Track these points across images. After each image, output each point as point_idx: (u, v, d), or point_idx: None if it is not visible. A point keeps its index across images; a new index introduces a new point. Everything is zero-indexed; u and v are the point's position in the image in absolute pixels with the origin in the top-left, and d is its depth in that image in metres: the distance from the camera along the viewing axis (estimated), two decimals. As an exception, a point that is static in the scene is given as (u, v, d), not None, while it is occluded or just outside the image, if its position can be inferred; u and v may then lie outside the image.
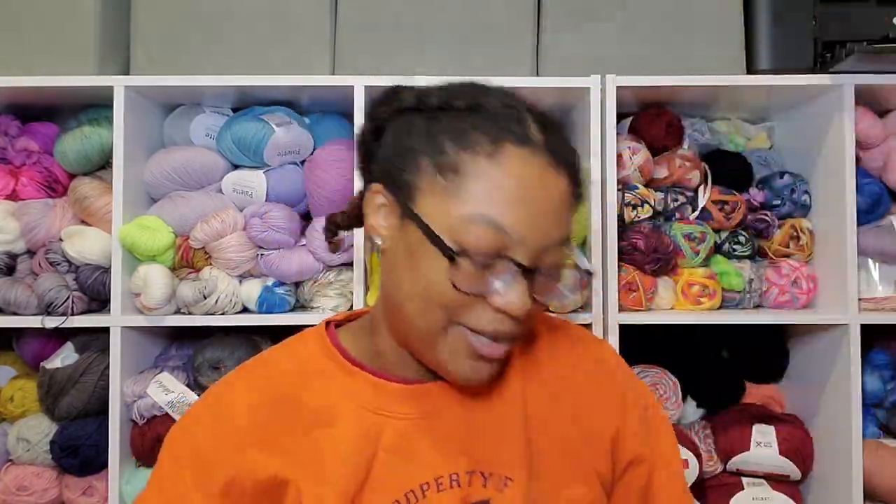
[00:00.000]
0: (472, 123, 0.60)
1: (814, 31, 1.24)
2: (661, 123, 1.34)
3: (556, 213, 0.60)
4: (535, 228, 0.59)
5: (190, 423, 0.69)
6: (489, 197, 0.58)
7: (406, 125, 0.63)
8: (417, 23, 1.28)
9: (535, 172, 0.59)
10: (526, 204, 0.58)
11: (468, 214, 0.58)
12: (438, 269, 0.58)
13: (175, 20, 1.28)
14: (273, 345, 0.76)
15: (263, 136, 1.24)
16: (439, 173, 0.59)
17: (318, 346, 0.71)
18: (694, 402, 1.38)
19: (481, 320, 0.60)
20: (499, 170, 0.58)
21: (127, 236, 1.19)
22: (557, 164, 0.60)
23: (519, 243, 0.58)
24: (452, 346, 0.62)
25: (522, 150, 0.59)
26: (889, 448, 1.28)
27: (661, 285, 1.29)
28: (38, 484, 1.27)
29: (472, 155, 0.59)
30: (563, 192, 0.61)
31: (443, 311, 0.60)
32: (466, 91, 0.63)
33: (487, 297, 0.59)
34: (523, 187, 0.58)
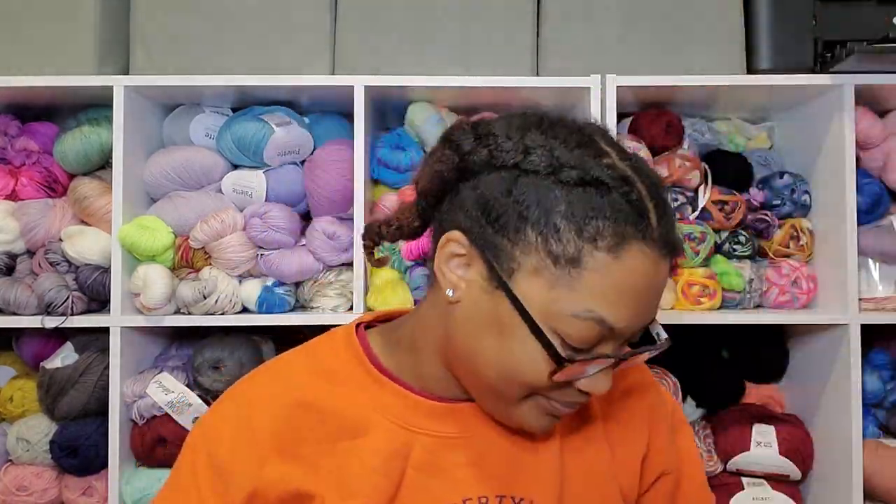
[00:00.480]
0: (592, 207, 0.55)
1: (814, 31, 1.24)
2: (661, 123, 1.33)
3: (658, 298, 0.60)
4: (639, 319, 0.58)
5: (209, 430, 0.67)
6: (604, 294, 0.55)
7: (508, 184, 0.57)
8: (417, 23, 1.28)
9: (651, 267, 0.56)
10: (637, 299, 0.57)
11: (577, 309, 0.55)
12: (533, 355, 0.56)
13: (175, 20, 1.28)
14: (273, 345, 0.75)
15: (263, 136, 1.24)
16: (552, 259, 0.55)
17: (348, 350, 0.68)
18: (694, 402, 1.38)
19: (566, 397, 0.60)
20: (619, 266, 0.55)
21: (127, 236, 1.19)
22: (670, 252, 0.58)
23: (621, 334, 0.57)
24: (527, 410, 0.61)
25: (643, 245, 0.55)
26: (889, 448, 1.28)
27: (661, 285, 1.29)
28: (38, 484, 1.27)
29: (593, 248, 0.54)
30: (667, 274, 0.60)
31: (527, 389, 0.59)
32: (576, 154, 0.56)
33: (577, 381, 0.59)
34: (639, 283, 0.56)
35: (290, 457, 0.63)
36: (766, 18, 1.26)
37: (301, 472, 0.63)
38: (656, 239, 0.56)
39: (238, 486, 0.62)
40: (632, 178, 0.56)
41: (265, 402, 0.66)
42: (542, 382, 0.57)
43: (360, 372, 0.67)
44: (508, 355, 0.57)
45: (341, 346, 0.69)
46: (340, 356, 0.68)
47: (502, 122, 0.60)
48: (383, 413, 0.65)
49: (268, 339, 1.34)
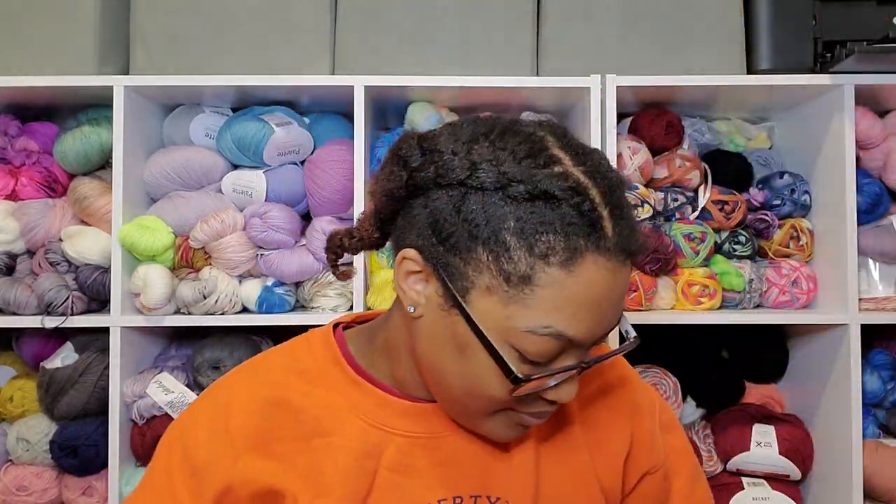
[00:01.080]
0: (542, 222, 0.53)
1: (814, 31, 1.24)
2: (661, 123, 1.34)
3: (620, 304, 0.58)
4: (600, 328, 0.57)
5: (185, 427, 0.67)
6: (559, 309, 0.54)
7: (456, 202, 0.55)
8: (417, 23, 1.28)
9: (608, 276, 0.54)
10: (595, 309, 0.55)
11: (532, 325, 0.54)
12: (493, 373, 0.56)
13: (175, 20, 1.28)
14: (273, 345, 0.75)
15: (263, 136, 1.24)
16: (504, 277, 0.54)
17: (324, 350, 0.68)
18: (694, 402, 1.38)
19: (534, 408, 0.60)
20: (574, 280, 0.53)
21: (127, 236, 1.19)
22: (628, 257, 0.56)
23: (581, 344, 0.57)
24: (497, 423, 0.61)
25: (597, 255, 0.54)
26: (889, 448, 1.28)
27: (661, 285, 1.29)
28: (38, 484, 1.27)
29: (545, 264, 0.53)
30: (628, 279, 0.58)
31: (493, 405, 0.59)
32: (524, 165, 0.55)
33: (542, 391, 0.59)
34: (596, 294, 0.54)
35: (264, 454, 0.63)
36: (766, 18, 1.26)
37: (274, 470, 0.63)
38: (612, 248, 0.54)
39: (210, 483, 0.63)
40: (584, 186, 0.54)
41: (241, 400, 0.66)
42: (505, 398, 0.58)
43: (336, 372, 0.67)
44: (470, 373, 0.57)
45: (318, 346, 0.69)
46: (317, 356, 0.68)
47: (449, 134, 0.59)
48: (357, 413, 0.65)
49: (268, 339, 1.34)
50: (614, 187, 0.56)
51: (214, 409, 0.66)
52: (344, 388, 0.66)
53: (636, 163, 1.30)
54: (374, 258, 1.28)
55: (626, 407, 0.73)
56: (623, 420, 0.72)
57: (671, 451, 0.75)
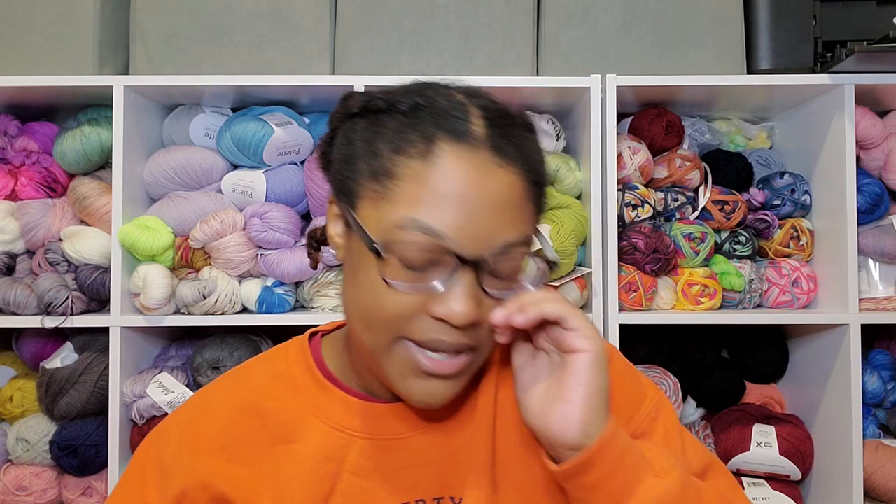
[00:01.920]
0: (410, 123, 0.56)
1: (814, 30, 1.24)
2: (661, 123, 1.34)
3: (503, 212, 0.55)
4: (475, 230, 0.54)
5: (162, 428, 0.69)
6: (421, 200, 0.54)
7: (350, 131, 0.60)
8: (417, 23, 1.28)
9: (472, 170, 0.54)
10: (461, 203, 0.54)
11: (399, 219, 0.54)
12: (376, 276, 0.55)
13: (175, 20, 1.28)
14: (273, 345, 0.75)
15: (263, 136, 1.24)
16: (374, 179, 0.56)
17: (299, 356, 0.69)
18: (694, 402, 1.39)
19: (423, 331, 0.56)
20: (432, 170, 0.54)
21: (126, 236, 1.19)
22: (504, 159, 0.56)
23: (457, 247, 0.54)
24: (399, 365, 0.58)
25: (458, 147, 0.55)
26: (889, 448, 1.28)
27: (661, 285, 1.29)
28: (38, 484, 1.27)
29: (406, 158, 0.55)
30: (511, 188, 0.56)
31: (385, 325, 0.57)
32: (413, 90, 0.59)
33: (429, 306, 0.55)
34: (459, 187, 0.54)
35: (230, 459, 0.64)
36: (766, 18, 1.26)
37: (239, 475, 0.64)
38: (477, 139, 0.55)
39: (173, 484, 0.64)
40: (464, 102, 0.57)
41: (216, 406, 0.67)
42: (390, 302, 0.55)
43: (307, 377, 0.67)
44: (363, 289, 0.57)
45: (294, 351, 0.70)
46: (291, 361, 0.69)
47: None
48: (321, 416, 0.65)
49: (267, 339, 1.34)
50: (504, 112, 0.58)
51: (189, 415, 0.68)
52: (311, 393, 0.66)
53: (636, 163, 1.30)
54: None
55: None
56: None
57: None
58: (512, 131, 0.58)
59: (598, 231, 1.23)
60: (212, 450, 0.64)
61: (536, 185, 0.59)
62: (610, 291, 1.21)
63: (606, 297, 1.21)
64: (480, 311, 0.56)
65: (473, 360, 0.59)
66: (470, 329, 0.56)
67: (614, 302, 1.21)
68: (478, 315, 0.55)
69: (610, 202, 1.23)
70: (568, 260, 1.20)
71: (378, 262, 0.55)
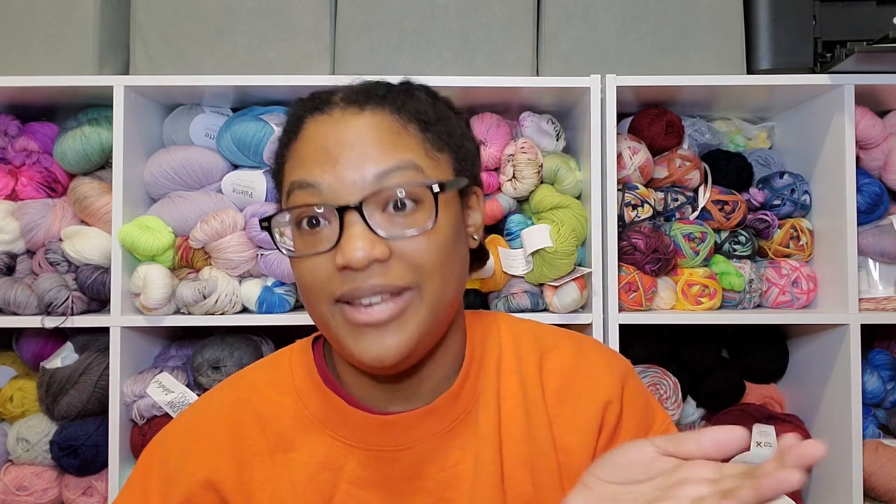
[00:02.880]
0: (287, 126, 0.64)
1: (814, 31, 1.24)
2: (661, 123, 1.34)
3: (368, 147, 0.58)
4: (342, 170, 0.57)
5: (166, 434, 0.69)
6: (295, 167, 0.60)
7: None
8: (417, 23, 1.28)
9: (329, 126, 0.59)
10: (324, 153, 0.58)
11: (286, 191, 0.61)
12: (294, 260, 0.60)
13: (175, 20, 1.28)
14: (273, 345, 0.76)
15: (263, 135, 1.24)
16: (278, 175, 0.64)
17: (301, 360, 0.69)
18: (694, 401, 1.39)
19: (341, 285, 0.57)
20: (299, 143, 0.61)
21: (127, 236, 1.19)
22: (356, 105, 0.60)
23: (332, 190, 0.57)
24: (344, 327, 0.59)
25: (318, 117, 0.61)
26: (889, 448, 1.28)
27: (661, 285, 1.29)
28: (38, 484, 1.27)
29: (287, 148, 0.62)
30: (373, 127, 0.59)
31: (316, 295, 0.59)
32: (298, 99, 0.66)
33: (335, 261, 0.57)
34: (320, 142, 0.59)
35: (230, 466, 0.64)
36: (766, 18, 1.26)
37: (239, 481, 0.64)
38: (333, 105, 0.61)
39: (177, 491, 0.64)
40: (340, 88, 0.64)
41: (217, 413, 0.67)
42: (307, 269, 0.59)
43: (308, 383, 0.67)
44: (293, 269, 0.62)
45: (297, 356, 0.70)
46: (294, 366, 0.69)
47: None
48: (321, 425, 0.65)
49: (268, 339, 1.34)
50: (376, 82, 0.64)
51: (192, 420, 0.69)
52: (311, 400, 0.66)
53: (636, 163, 1.30)
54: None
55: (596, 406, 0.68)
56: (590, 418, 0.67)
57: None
58: (374, 89, 0.62)
59: (598, 231, 1.23)
60: (213, 457, 0.64)
61: (418, 120, 0.61)
62: (610, 291, 1.21)
63: (606, 297, 1.21)
64: (378, 248, 0.56)
65: (414, 303, 0.59)
66: (378, 268, 0.57)
67: (614, 302, 1.21)
68: (377, 253, 0.56)
69: (610, 202, 1.23)
70: (568, 260, 1.20)
71: (281, 243, 0.61)
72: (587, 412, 0.67)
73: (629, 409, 0.68)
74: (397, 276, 0.57)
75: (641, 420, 0.69)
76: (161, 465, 0.66)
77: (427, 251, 0.58)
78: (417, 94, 0.64)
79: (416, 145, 0.60)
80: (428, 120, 0.61)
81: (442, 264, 0.59)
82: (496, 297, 1.27)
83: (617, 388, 0.68)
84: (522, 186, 1.27)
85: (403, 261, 0.57)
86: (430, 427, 0.65)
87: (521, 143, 1.28)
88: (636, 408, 0.69)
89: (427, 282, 0.58)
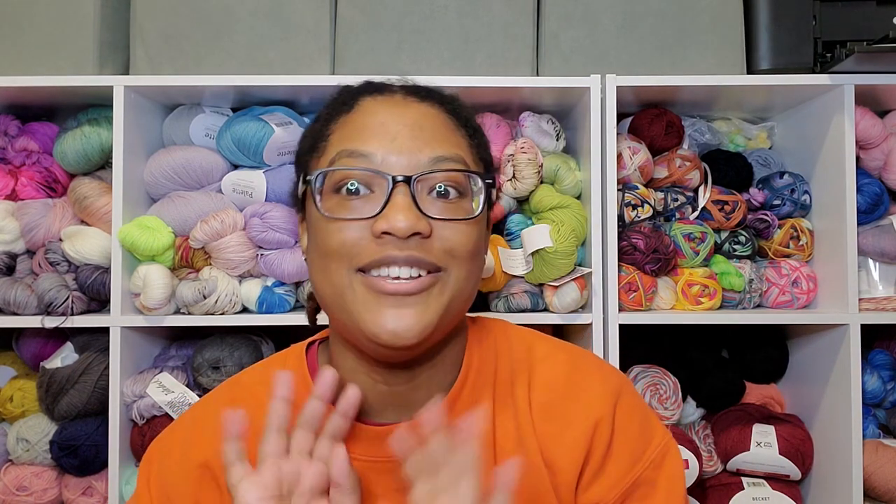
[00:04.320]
0: (340, 99, 0.65)
1: (814, 31, 1.24)
2: (661, 123, 1.34)
3: (425, 132, 0.60)
4: (399, 147, 0.59)
5: (163, 447, 0.69)
6: (346, 137, 0.61)
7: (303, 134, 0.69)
8: (417, 23, 1.28)
9: (387, 106, 0.62)
10: (384, 129, 0.60)
11: (330, 158, 0.61)
12: (323, 220, 0.60)
13: (175, 20, 1.28)
14: (273, 345, 0.75)
15: (263, 136, 1.24)
16: (314, 149, 0.64)
17: (296, 366, 0.69)
18: (694, 402, 1.38)
19: (374, 252, 0.57)
20: (355, 114, 0.62)
21: (127, 236, 1.19)
22: (414, 95, 0.63)
23: (386, 162, 0.59)
24: (363, 297, 0.58)
25: (375, 97, 0.63)
26: (889, 448, 1.28)
27: (661, 285, 1.29)
28: (38, 484, 1.27)
29: (335, 121, 0.63)
30: (431, 117, 0.62)
31: (339, 261, 0.59)
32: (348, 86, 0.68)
33: (374, 227, 0.58)
34: (379, 117, 0.61)
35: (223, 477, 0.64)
36: (766, 18, 1.26)
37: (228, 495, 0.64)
38: (390, 89, 0.64)
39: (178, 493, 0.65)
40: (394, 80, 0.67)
41: (209, 421, 0.67)
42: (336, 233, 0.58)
43: (302, 391, 0.65)
44: (315, 238, 0.62)
45: (292, 362, 0.70)
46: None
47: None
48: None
49: (268, 339, 1.34)
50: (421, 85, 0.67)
51: (189, 434, 0.69)
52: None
53: (636, 163, 1.30)
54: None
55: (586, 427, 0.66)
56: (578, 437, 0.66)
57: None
58: (431, 89, 0.66)
59: (598, 231, 1.23)
60: (209, 443, 0.65)
61: (467, 126, 0.65)
62: (610, 291, 1.21)
63: (606, 297, 1.21)
64: (423, 222, 0.58)
65: (439, 284, 0.59)
66: (416, 242, 0.58)
67: (614, 302, 1.21)
68: (421, 227, 0.57)
69: (610, 202, 1.23)
70: (568, 260, 1.20)
71: (320, 204, 0.60)
72: (575, 431, 0.65)
73: (622, 428, 0.66)
74: (432, 254, 0.58)
75: (636, 439, 0.67)
76: (159, 480, 0.67)
77: (464, 238, 0.60)
78: (465, 107, 0.67)
79: (465, 146, 0.63)
80: (475, 128, 0.66)
81: (472, 255, 0.61)
82: (496, 297, 1.27)
83: (608, 406, 0.66)
84: (522, 186, 1.27)
85: (441, 242, 0.59)
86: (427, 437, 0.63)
87: (521, 143, 1.28)
88: (630, 426, 0.67)
89: (456, 268, 0.60)
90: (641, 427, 0.68)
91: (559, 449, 0.65)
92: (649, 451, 0.67)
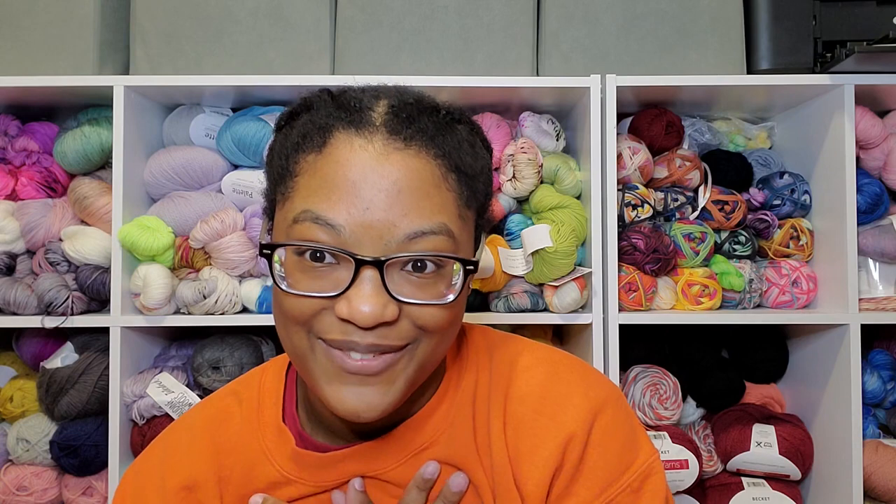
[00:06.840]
0: (311, 120, 0.54)
1: (814, 31, 1.24)
2: (661, 123, 1.34)
3: (404, 198, 0.51)
4: (371, 220, 0.50)
5: (139, 473, 0.67)
6: (314, 191, 0.51)
7: (271, 149, 0.59)
8: (417, 23, 1.28)
9: (366, 155, 0.51)
10: (355, 192, 0.50)
11: (295, 213, 0.52)
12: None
13: (175, 20, 1.28)
14: (273, 345, 0.74)
15: (263, 135, 1.24)
16: (281, 182, 0.55)
17: (272, 385, 0.67)
18: (694, 402, 1.39)
19: (332, 330, 0.52)
20: (325, 160, 0.52)
21: (127, 236, 1.19)
22: (404, 142, 0.52)
23: (354, 237, 0.50)
24: (324, 366, 0.54)
25: (352, 134, 0.52)
26: (889, 448, 1.28)
27: (661, 285, 1.29)
28: (38, 484, 1.27)
29: (304, 153, 0.53)
30: (414, 173, 0.52)
31: (296, 324, 0.53)
32: (328, 90, 0.57)
33: (335, 304, 0.52)
34: (351, 173, 0.51)
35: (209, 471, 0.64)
36: (766, 18, 1.26)
37: (215, 489, 0.64)
38: (373, 125, 0.52)
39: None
40: (376, 94, 0.56)
41: (186, 451, 0.66)
42: (297, 308, 0.52)
43: (272, 413, 0.65)
44: (275, 298, 0.56)
45: (269, 379, 0.68)
46: (264, 391, 0.67)
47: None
48: (273, 461, 0.64)
49: (268, 339, 1.34)
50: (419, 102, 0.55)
51: (163, 458, 0.67)
52: (268, 431, 0.65)
53: (636, 163, 1.30)
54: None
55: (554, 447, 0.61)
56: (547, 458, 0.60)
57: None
58: (421, 117, 0.54)
59: (598, 231, 1.23)
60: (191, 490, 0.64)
61: (458, 171, 0.55)
62: (610, 291, 1.21)
63: (606, 297, 1.21)
64: (390, 309, 0.51)
65: (405, 358, 0.54)
66: (382, 328, 0.52)
67: (614, 302, 1.21)
68: (387, 315, 0.51)
69: (610, 202, 1.23)
70: (568, 260, 1.20)
71: (281, 271, 0.53)
72: (546, 449, 0.60)
73: (598, 446, 0.60)
74: (399, 337, 0.53)
75: (615, 459, 0.60)
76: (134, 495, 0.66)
77: (438, 318, 0.54)
78: (460, 131, 0.57)
79: (451, 203, 0.54)
80: (467, 172, 0.56)
81: (448, 328, 0.56)
82: (496, 297, 1.27)
83: (585, 421, 0.60)
84: (522, 186, 1.27)
85: (411, 321, 0.53)
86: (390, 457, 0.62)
87: (521, 143, 1.28)
88: (609, 445, 0.60)
89: (426, 339, 0.55)
90: (623, 447, 0.61)
91: (530, 469, 0.60)
92: (628, 475, 0.60)
